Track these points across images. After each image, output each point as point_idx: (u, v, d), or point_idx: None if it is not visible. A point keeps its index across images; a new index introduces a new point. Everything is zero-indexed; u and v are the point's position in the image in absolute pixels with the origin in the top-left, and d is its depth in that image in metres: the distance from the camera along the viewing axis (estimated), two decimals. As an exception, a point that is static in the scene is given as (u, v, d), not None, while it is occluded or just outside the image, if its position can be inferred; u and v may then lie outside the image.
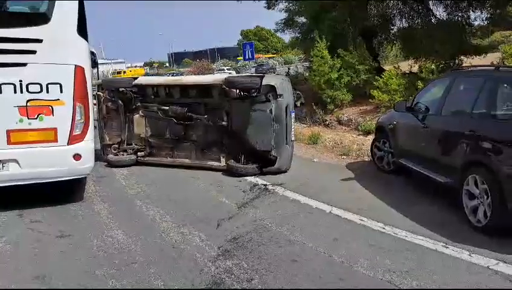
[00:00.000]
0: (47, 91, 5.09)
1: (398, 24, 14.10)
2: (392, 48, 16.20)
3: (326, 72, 11.90)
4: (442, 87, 5.52)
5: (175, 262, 3.91)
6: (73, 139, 5.25)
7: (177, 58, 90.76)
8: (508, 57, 9.57)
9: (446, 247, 4.03)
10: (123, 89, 7.73)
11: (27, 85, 5.01)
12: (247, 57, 17.85)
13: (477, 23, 13.04)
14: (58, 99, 5.14)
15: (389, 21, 14.06)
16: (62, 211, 5.33)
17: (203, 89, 7.47)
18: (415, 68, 12.44)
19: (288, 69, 24.68)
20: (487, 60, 11.57)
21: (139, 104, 7.82)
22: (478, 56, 12.26)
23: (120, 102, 7.72)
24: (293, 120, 7.07)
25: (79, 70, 5.23)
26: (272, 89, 6.68)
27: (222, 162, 7.24)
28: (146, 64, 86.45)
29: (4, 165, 5.04)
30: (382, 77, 10.65)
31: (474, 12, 12.41)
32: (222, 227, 4.74)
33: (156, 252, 4.12)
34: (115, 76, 39.10)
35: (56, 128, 5.17)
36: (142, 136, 7.88)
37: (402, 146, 6.26)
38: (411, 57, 13.50)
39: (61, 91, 5.14)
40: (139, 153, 7.80)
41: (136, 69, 59.81)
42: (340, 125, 11.29)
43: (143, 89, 7.83)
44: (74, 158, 5.26)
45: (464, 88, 5.15)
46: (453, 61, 11.77)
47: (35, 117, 5.07)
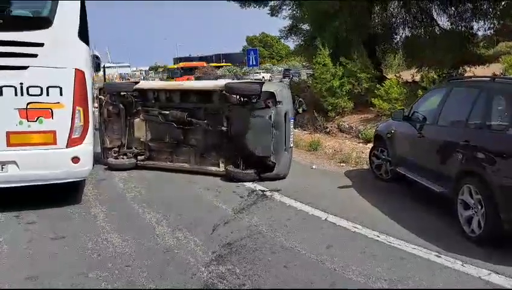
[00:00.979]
0: (47, 94, 5.16)
1: (401, 33, 14.16)
2: (395, 57, 16.21)
3: (328, 80, 11.95)
4: (438, 96, 5.54)
5: (168, 266, 3.93)
6: (72, 142, 5.30)
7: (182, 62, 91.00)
8: (509, 68, 9.55)
9: (439, 256, 4.03)
10: (124, 93, 7.80)
11: (27, 88, 5.08)
12: (251, 63, 17.87)
13: (481, 33, 13.05)
14: (58, 102, 5.21)
15: (392, 30, 14.10)
16: (59, 213, 5.37)
17: (204, 94, 7.52)
18: (418, 77, 12.45)
19: (291, 76, 24.74)
20: (490, 70, 11.56)
21: (140, 108, 7.89)
22: (481, 66, 12.25)
23: (121, 106, 7.79)
24: (292, 127, 7.11)
25: (79, 74, 5.30)
26: (272, 96, 6.73)
27: (221, 167, 7.28)
28: (151, 68, 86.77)
29: (3, 166, 5.10)
30: (383, 86, 10.68)
31: (477, 22, 12.43)
32: (217, 232, 4.76)
33: (150, 256, 4.14)
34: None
35: (55, 131, 5.23)
36: (142, 140, 7.94)
37: (399, 155, 6.27)
38: (413, 66, 13.51)
39: (61, 94, 5.21)
40: (139, 157, 7.86)
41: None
42: (341, 132, 11.32)
43: (144, 93, 7.90)
44: (73, 161, 5.31)
45: (460, 98, 5.16)
46: (456, 71, 11.77)
47: (35, 120, 5.14)
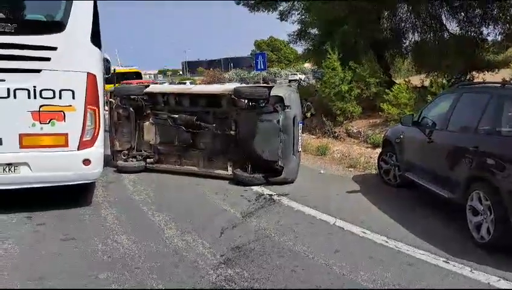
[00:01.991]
0: (59, 97, 5.23)
1: (411, 38, 14.13)
2: (404, 62, 16.18)
3: (336, 84, 11.96)
4: (448, 102, 5.53)
5: (177, 268, 3.97)
6: (83, 144, 5.37)
7: (191, 66, 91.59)
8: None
9: (447, 262, 4.02)
10: (134, 97, 7.88)
11: (40, 91, 5.16)
12: (259, 67, 17.89)
13: (491, 38, 12.98)
14: (70, 105, 5.28)
15: (402, 34, 14.08)
16: (69, 215, 5.44)
17: (212, 98, 7.57)
18: (427, 82, 12.41)
19: (300, 80, 24.79)
20: (500, 76, 11.50)
21: (150, 111, 7.96)
22: (491, 72, 12.19)
23: (131, 109, 7.86)
24: (301, 131, 7.12)
25: (91, 77, 5.37)
26: (280, 100, 6.75)
27: (229, 170, 7.31)
28: (160, 72, 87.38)
29: (16, 168, 5.18)
30: (392, 91, 10.66)
31: (487, 28, 12.37)
32: (225, 235, 4.79)
33: (159, 258, 4.18)
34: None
35: (67, 133, 5.30)
36: (152, 143, 8.00)
37: (408, 160, 6.26)
38: (423, 71, 13.47)
39: (73, 97, 5.28)
40: (148, 160, 7.92)
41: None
42: (349, 137, 11.31)
43: (154, 97, 7.98)
44: (84, 163, 5.38)
45: (470, 104, 5.15)
46: (465, 76, 11.72)
47: (47, 122, 5.21)
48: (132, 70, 23.91)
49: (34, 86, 5.14)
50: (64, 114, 5.25)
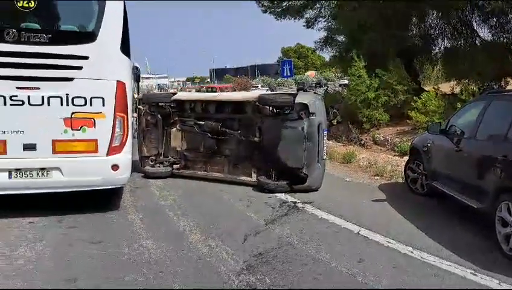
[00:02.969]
0: (90, 104, 5.42)
1: (440, 44, 13.87)
2: (434, 69, 15.87)
3: (363, 92, 11.86)
4: (477, 110, 5.41)
5: (200, 274, 4.03)
6: (112, 150, 5.53)
7: (218, 74, 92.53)
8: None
9: (475, 274, 3.93)
10: (162, 104, 8.07)
11: (73, 98, 5.36)
12: (285, 74, 17.96)
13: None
14: (100, 112, 5.46)
15: (431, 41, 13.84)
16: (98, 219, 5.60)
17: (238, 105, 7.66)
18: (457, 90, 12.14)
19: (327, 87, 24.70)
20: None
21: (177, 118, 8.12)
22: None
23: (159, 116, 8.04)
24: (326, 139, 7.10)
25: (120, 85, 5.54)
26: (305, 107, 6.76)
27: (253, 177, 7.36)
28: (188, 79, 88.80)
29: (48, 172, 5.38)
30: (421, 98, 10.49)
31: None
32: (248, 242, 4.82)
33: (183, 263, 4.25)
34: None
35: (97, 139, 5.47)
36: (178, 149, 8.15)
37: (435, 169, 6.14)
38: (453, 78, 13.19)
39: (103, 105, 5.46)
40: (175, 166, 8.07)
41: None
42: (375, 145, 11.18)
43: (181, 104, 8.14)
44: (112, 168, 5.54)
45: (499, 112, 5.02)
46: (497, 83, 11.41)
47: (78, 128, 5.40)
48: None
49: (67, 94, 5.34)
50: (94, 121, 5.43)
